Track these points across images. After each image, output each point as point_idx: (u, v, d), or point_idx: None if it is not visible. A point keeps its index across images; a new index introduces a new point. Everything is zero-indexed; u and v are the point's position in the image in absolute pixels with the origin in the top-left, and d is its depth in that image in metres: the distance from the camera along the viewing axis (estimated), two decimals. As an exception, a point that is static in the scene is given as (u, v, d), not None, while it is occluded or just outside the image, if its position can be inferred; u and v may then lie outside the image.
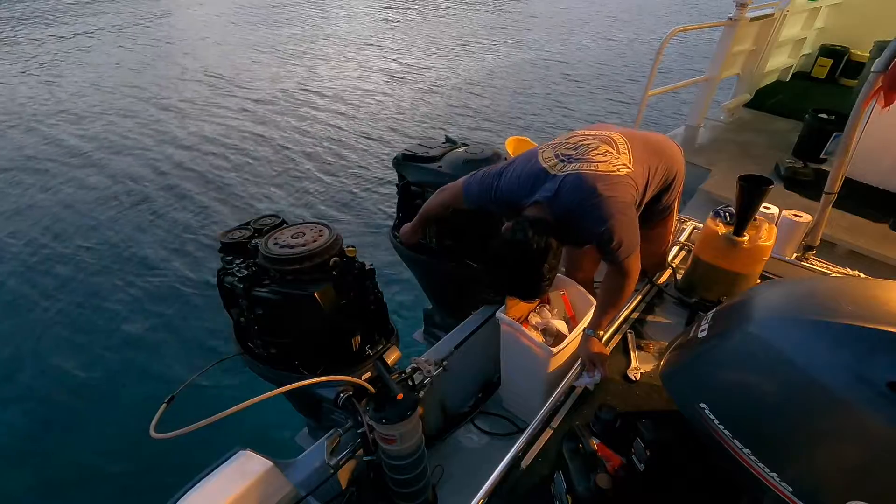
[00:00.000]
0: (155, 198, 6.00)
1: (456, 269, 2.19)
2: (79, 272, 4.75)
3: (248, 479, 1.29)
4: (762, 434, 1.06)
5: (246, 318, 1.59)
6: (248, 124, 8.13)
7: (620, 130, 1.65)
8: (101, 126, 7.91)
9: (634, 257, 1.54)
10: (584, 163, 1.49)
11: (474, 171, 1.70)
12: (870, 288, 1.14)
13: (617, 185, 1.47)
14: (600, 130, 1.64)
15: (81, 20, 14.51)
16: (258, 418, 2.74)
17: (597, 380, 1.61)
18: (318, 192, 6.23)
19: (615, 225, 1.44)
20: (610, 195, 1.44)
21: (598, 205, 1.43)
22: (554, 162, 1.53)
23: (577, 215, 1.46)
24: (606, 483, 1.16)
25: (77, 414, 3.47)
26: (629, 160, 1.54)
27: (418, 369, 1.75)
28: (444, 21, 16.13)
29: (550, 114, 8.93)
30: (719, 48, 4.24)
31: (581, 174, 1.46)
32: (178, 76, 10.24)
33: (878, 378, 0.91)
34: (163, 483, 1.33)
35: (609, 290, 1.64)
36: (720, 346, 1.22)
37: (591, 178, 1.45)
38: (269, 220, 1.77)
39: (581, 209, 1.45)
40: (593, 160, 1.50)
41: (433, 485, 1.69)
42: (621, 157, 1.53)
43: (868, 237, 2.90)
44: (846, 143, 2.15)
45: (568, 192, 1.45)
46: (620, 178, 1.48)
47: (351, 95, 9.52)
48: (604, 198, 1.43)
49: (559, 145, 1.59)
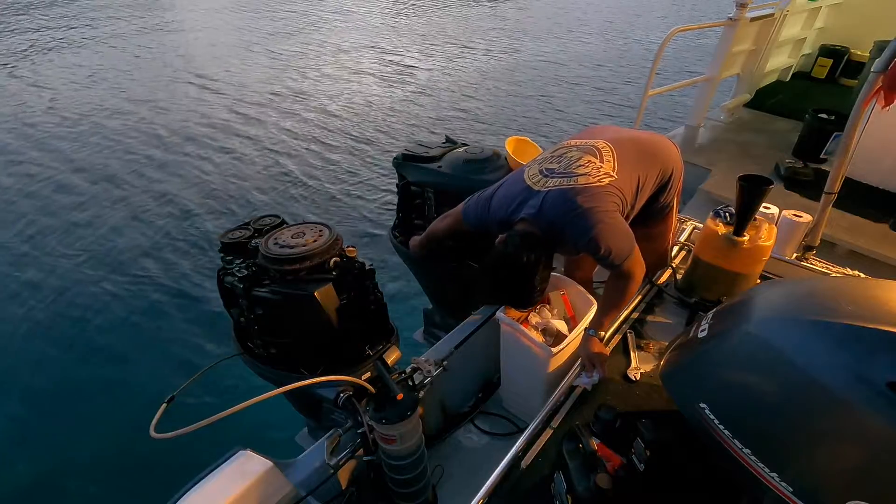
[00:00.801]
0: (154, 198, 6.01)
1: (456, 269, 2.19)
2: (78, 272, 4.75)
3: (248, 479, 1.29)
4: (762, 434, 1.06)
5: (246, 318, 1.59)
6: (247, 125, 8.14)
7: (609, 136, 1.67)
8: (102, 125, 7.91)
9: (631, 260, 1.56)
10: (565, 178, 1.53)
11: (471, 196, 1.76)
12: (870, 288, 1.14)
13: (596, 195, 1.50)
14: (587, 139, 1.67)
15: (78, 20, 14.52)
16: (258, 418, 2.73)
17: (595, 380, 1.61)
18: (319, 192, 6.23)
19: (598, 234, 1.47)
20: (589, 206, 1.47)
21: (579, 216, 1.47)
22: (538, 178, 1.57)
23: (560, 228, 1.50)
24: (606, 483, 1.16)
25: (77, 414, 3.46)
26: (612, 168, 1.56)
27: (418, 369, 1.75)
28: (445, 21, 16.12)
29: (550, 114, 8.93)
30: (719, 48, 4.24)
31: (561, 189, 1.51)
32: (172, 78, 10.22)
33: (878, 378, 0.91)
34: (163, 483, 1.33)
35: (611, 291, 1.65)
36: (720, 346, 1.22)
37: (570, 192, 1.49)
38: (269, 220, 1.77)
39: (563, 223, 1.49)
40: (574, 173, 1.54)
41: (433, 485, 1.68)
42: (604, 165, 1.56)
43: (868, 237, 2.90)
44: (846, 143, 2.15)
45: (550, 209, 1.50)
46: (602, 188, 1.51)
47: (350, 96, 9.52)
48: (583, 209, 1.47)
49: (544, 160, 1.64)
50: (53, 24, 14.01)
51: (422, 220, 2.19)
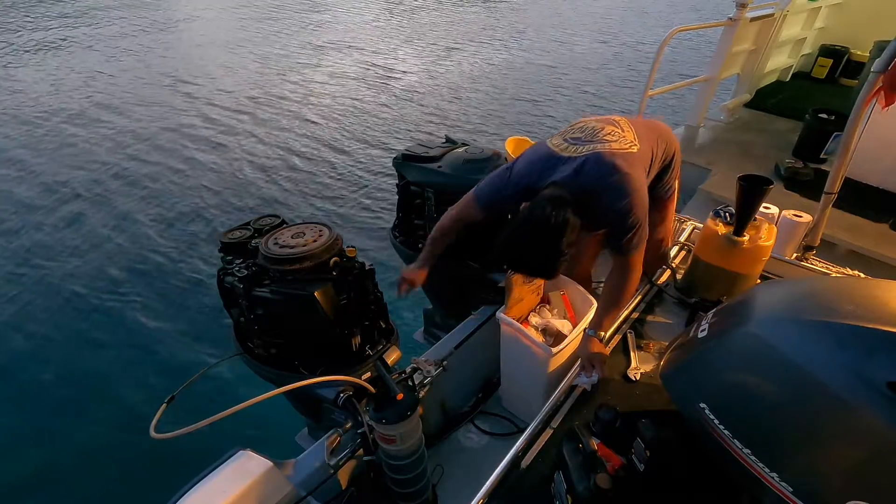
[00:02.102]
0: (154, 198, 6.01)
1: (456, 269, 2.19)
2: (78, 273, 4.75)
3: (248, 479, 1.29)
4: (762, 434, 1.06)
5: (246, 318, 1.59)
6: (247, 125, 8.14)
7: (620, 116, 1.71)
8: (103, 124, 7.91)
9: (639, 254, 1.57)
10: (598, 143, 1.53)
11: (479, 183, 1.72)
12: (870, 288, 1.14)
13: (631, 162, 1.51)
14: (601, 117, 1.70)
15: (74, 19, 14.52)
16: (258, 418, 2.73)
17: (594, 380, 1.61)
18: (319, 193, 6.24)
19: (633, 202, 1.47)
20: (628, 172, 1.48)
21: (619, 181, 1.47)
22: (565, 146, 1.56)
23: (598, 193, 1.48)
24: (606, 483, 1.16)
25: (77, 414, 3.47)
26: (634, 138, 1.58)
27: (418, 369, 1.75)
28: (445, 22, 16.12)
29: (550, 114, 8.93)
30: (719, 48, 4.24)
31: (600, 153, 1.50)
32: (172, 78, 10.21)
33: (878, 378, 0.91)
34: (163, 483, 1.33)
35: (611, 289, 1.64)
36: (720, 346, 1.22)
37: (609, 156, 1.49)
38: (269, 220, 1.77)
39: (602, 186, 1.47)
40: (605, 140, 1.54)
41: (433, 485, 1.68)
42: (627, 134, 1.58)
43: (868, 237, 2.90)
44: (846, 143, 2.15)
45: (589, 172, 1.48)
46: (633, 154, 1.53)
47: (350, 96, 9.52)
48: (623, 174, 1.47)
49: (566, 132, 1.63)
50: (70, 21, 14.00)
51: (422, 220, 2.19)
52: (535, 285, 1.85)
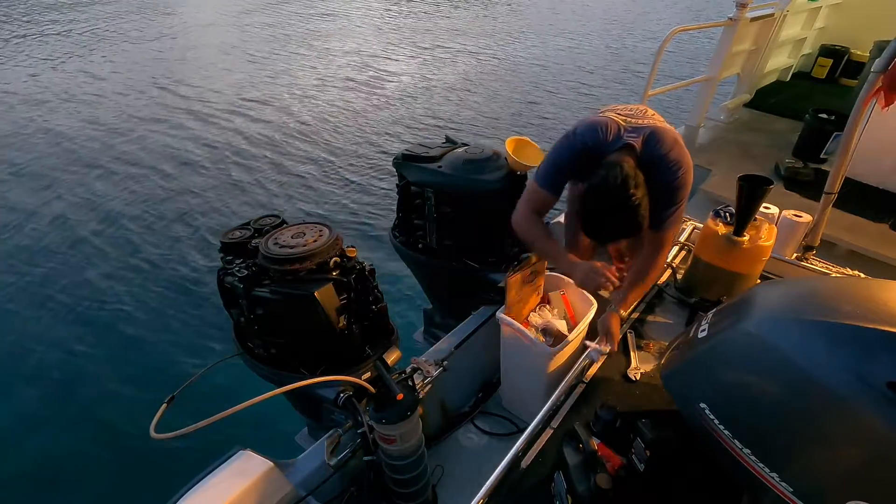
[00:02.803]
0: (154, 198, 6.01)
1: (456, 269, 2.19)
2: (78, 273, 4.75)
3: (248, 479, 1.29)
4: (762, 434, 1.06)
5: (246, 318, 1.59)
6: (247, 125, 8.13)
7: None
8: (103, 123, 7.91)
9: (674, 231, 1.64)
10: (649, 120, 1.59)
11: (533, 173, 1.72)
12: (870, 288, 1.14)
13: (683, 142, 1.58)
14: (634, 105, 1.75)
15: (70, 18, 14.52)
16: (258, 418, 2.74)
17: (605, 353, 1.63)
18: (319, 193, 6.23)
19: (687, 178, 1.55)
20: (685, 149, 1.56)
21: (679, 154, 1.54)
22: (623, 119, 1.59)
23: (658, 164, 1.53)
24: (606, 483, 1.16)
25: (77, 414, 3.46)
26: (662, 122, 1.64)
27: (418, 369, 1.74)
28: (445, 22, 16.12)
29: (551, 114, 8.93)
30: (719, 48, 4.24)
31: (657, 128, 1.55)
32: (169, 80, 10.22)
33: (878, 378, 0.91)
34: (163, 483, 1.33)
35: (642, 265, 1.69)
36: (720, 347, 1.22)
37: (664, 130, 1.55)
38: (270, 219, 1.77)
39: (663, 158, 1.53)
40: (655, 119, 1.61)
41: (433, 485, 1.69)
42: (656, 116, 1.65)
43: (868, 237, 2.90)
44: (846, 143, 2.15)
45: (654, 144, 1.53)
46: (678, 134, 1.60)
47: (351, 96, 9.52)
48: (683, 149, 1.55)
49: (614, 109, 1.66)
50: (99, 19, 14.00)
51: (422, 220, 2.19)
52: (536, 285, 1.85)
